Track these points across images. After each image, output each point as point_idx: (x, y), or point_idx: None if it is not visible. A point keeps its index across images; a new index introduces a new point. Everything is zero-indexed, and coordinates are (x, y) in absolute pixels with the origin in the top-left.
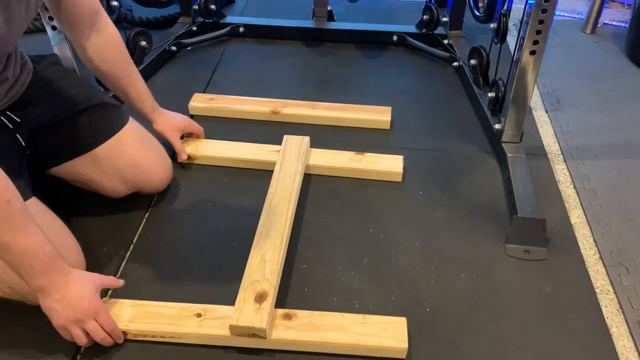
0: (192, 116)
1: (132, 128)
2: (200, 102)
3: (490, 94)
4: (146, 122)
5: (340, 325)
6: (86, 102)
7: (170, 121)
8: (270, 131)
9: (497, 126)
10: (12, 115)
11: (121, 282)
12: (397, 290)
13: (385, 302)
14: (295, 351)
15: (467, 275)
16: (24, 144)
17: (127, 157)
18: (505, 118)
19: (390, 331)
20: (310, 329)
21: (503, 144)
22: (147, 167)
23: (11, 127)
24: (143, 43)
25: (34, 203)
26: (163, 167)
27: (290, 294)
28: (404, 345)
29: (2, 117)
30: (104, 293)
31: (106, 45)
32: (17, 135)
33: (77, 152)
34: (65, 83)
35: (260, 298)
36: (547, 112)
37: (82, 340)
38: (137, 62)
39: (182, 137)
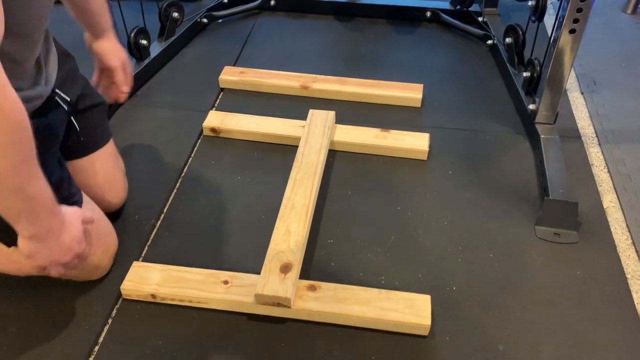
0: (222, 89)
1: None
2: (230, 75)
3: (525, 74)
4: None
5: (364, 299)
6: (96, 98)
7: (119, 47)
8: (298, 106)
9: (531, 107)
10: (63, 95)
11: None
12: (423, 268)
13: (412, 279)
14: (317, 322)
15: (495, 256)
16: (78, 129)
17: (100, 175)
18: (539, 99)
19: (413, 308)
20: (334, 301)
21: (536, 125)
22: (116, 188)
23: (65, 108)
24: (175, 15)
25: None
26: (125, 190)
27: (316, 267)
28: (427, 322)
29: (56, 98)
30: (135, 257)
31: None
32: (72, 118)
33: (85, 152)
34: (78, 72)
35: (285, 268)
36: (582, 93)
37: (58, 274)
38: (169, 34)
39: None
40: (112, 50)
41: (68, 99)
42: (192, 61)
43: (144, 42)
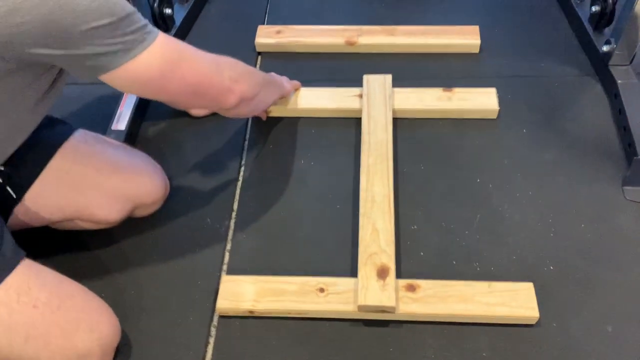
0: (259, 54)
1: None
2: (267, 37)
3: (594, 8)
4: None
5: (466, 296)
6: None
7: None
8: (347, 66)
9: (605, 48)
10: None
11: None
12: (517, 248)
13: (506, 262)
14: (421, 321)
15: (587, 225)
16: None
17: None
18: (615, 38)
19: (519, 300)
20: (436, 301)
21: (611, 68)
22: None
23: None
24: None
25: (46, 272)
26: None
27: (406, 259)
28: (535, 314)
29: None
30: (218, 265)
31: None
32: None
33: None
34: None
35: (382, 273)
36: None
37: None
38: None
39: None
40: None
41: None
42: (218, 20)
43: (168, 10)
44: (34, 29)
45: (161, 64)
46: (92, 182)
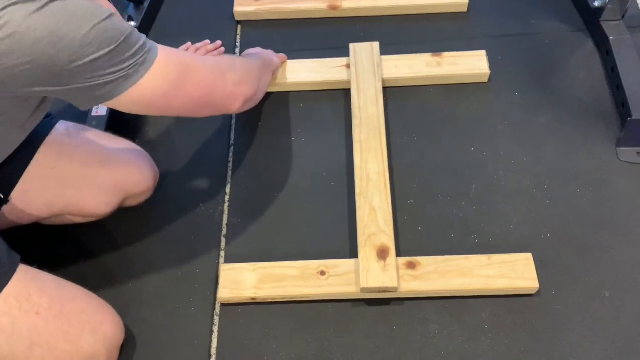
0: (238, 23)
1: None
2: (245, 5)
3: None
4: None
5: (466, 270)
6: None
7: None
8: (331, 33)
9: (596, 3)
10: None
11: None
12: (514, 217)
13: (504, 232)
14: (423, 297)
15: (582, 190)
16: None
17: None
18: None
19: (518, 271)
20: (437, 277)
21: (602, 23)
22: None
23: None
24: None
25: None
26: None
27: (404, 235)
28: (535, 284)
29: None
30: (216, 252)
31: None
32: None
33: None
34: None
35: (382, 253)
36: None
37: None
38: None
39: None
40: None
41: None
42: None
43: None
44: (28, 71)
45: (164, 84)
46: (79, 176)
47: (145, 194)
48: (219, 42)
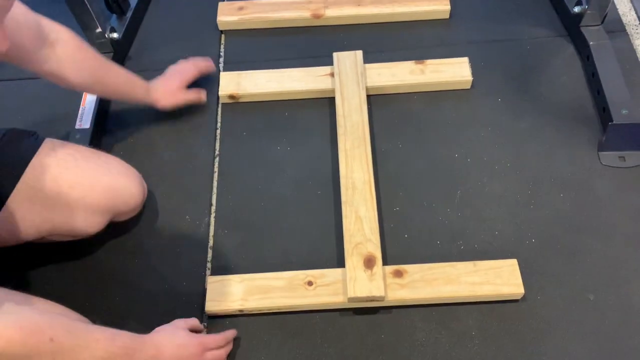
0: (222, 32)
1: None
2: (229, 15)
3: None
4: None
5: (452, 277)
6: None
7: (169, 89)
8: (315, 41)
9: (576, 9)
10: None
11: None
12: (498, 223)
13: (490, 238)
14: (410, 305)
15: (565, 194)
16: None
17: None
18: None
19: (504, 277)
20: (423, 285)
21: (582, 29)
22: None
23: None
24: None
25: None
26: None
27: (391, 242)
28: (520, 290)
29: None
30: (203, 265)
31: (71, 55)
32: None
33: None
34: None
35: (369, 262)
36: None
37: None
38: None
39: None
40: (170, 94)
41: None
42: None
43: None
44: None
45: None
46: (67, 199)
47: (134, 211)
48: (210, 62)
